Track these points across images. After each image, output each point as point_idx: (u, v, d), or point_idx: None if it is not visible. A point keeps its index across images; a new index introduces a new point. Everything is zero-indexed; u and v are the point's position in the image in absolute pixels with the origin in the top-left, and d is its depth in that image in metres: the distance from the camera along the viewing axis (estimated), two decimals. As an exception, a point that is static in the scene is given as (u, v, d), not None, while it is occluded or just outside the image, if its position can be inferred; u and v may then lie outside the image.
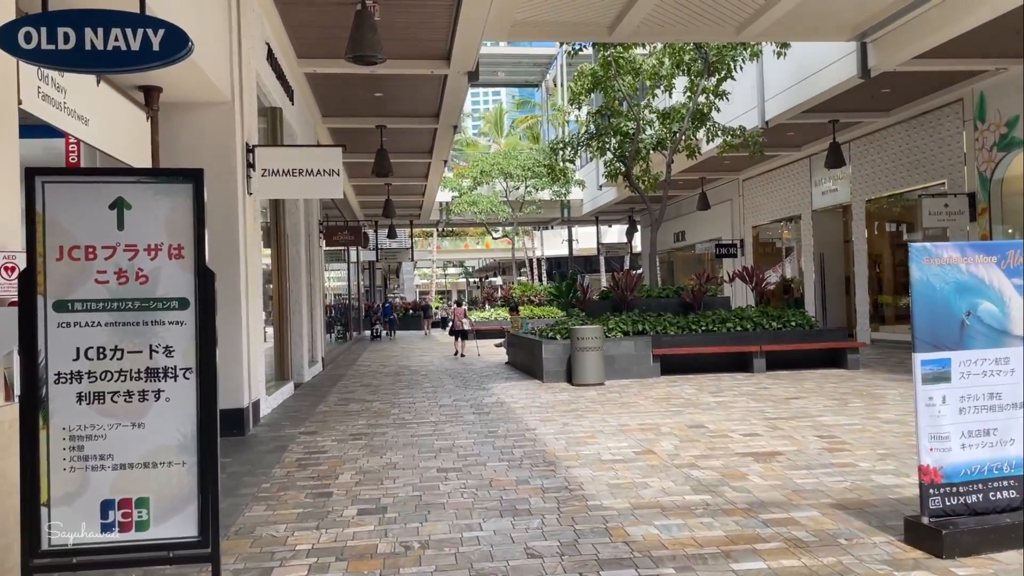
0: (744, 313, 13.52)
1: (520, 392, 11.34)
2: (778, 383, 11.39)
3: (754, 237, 25.68)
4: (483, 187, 31.75)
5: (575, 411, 9.31)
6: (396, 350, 22.21)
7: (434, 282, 54.59)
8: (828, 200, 20.94)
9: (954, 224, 15.40)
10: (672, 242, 32.49)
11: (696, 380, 12.06)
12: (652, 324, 13.13)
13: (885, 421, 7.93)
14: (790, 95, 16.46)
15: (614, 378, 12.36)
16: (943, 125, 16.17)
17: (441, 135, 17.82)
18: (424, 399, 10.86)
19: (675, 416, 8.71)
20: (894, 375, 12.04)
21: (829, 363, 13.20)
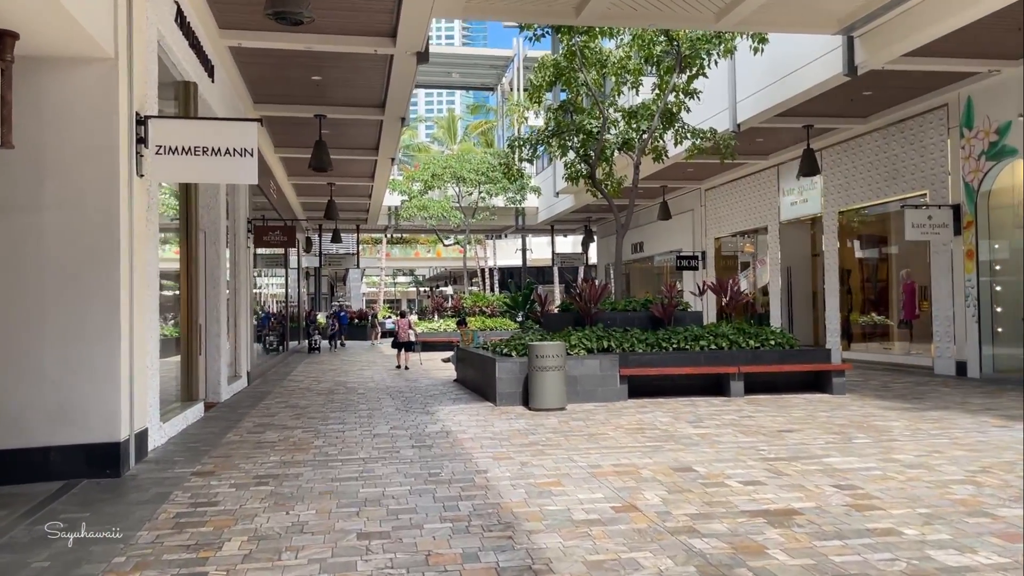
0: (719, 330, 12.22)
1: (470, 418, 9.81)
2: (762, 410, 10.07)
3: (716, 249, 24.61)
4: (434, 191, 30.18)
5: (535, 445, 7.82)
6: (335, 363, 20.46)
7: (382, 290, 52.69)
8: (797, 211, 19.91)
9: (937, 237, 14.39)
10: (630, 253, 31.32)
11: (669, 405, 10.68)
12: (618, 340, 11.73)
13: (907, 465, 6.60)
14: (764, 96, 15.31)
15: (577, 401, 10.92)
16: (925, 132, 15.18)
17: (388, 129, 16.25)
18: (356, 426, 9.25)
19: (654, 454, 7.27)
20: (886, 401, 10.83)
21: (811, 386, 11.97)
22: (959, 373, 14.29)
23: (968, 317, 14.07)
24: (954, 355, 14.47)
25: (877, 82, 13.85)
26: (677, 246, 26.53)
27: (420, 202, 28.31)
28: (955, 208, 14.31)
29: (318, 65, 12.65)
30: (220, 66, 11.68)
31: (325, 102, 14.80)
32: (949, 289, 14.58)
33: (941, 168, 14.74)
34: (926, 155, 15.16)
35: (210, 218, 11.67)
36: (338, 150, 18.31)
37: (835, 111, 16.12)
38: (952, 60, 12.52)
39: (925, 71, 13.02)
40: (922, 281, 16.09)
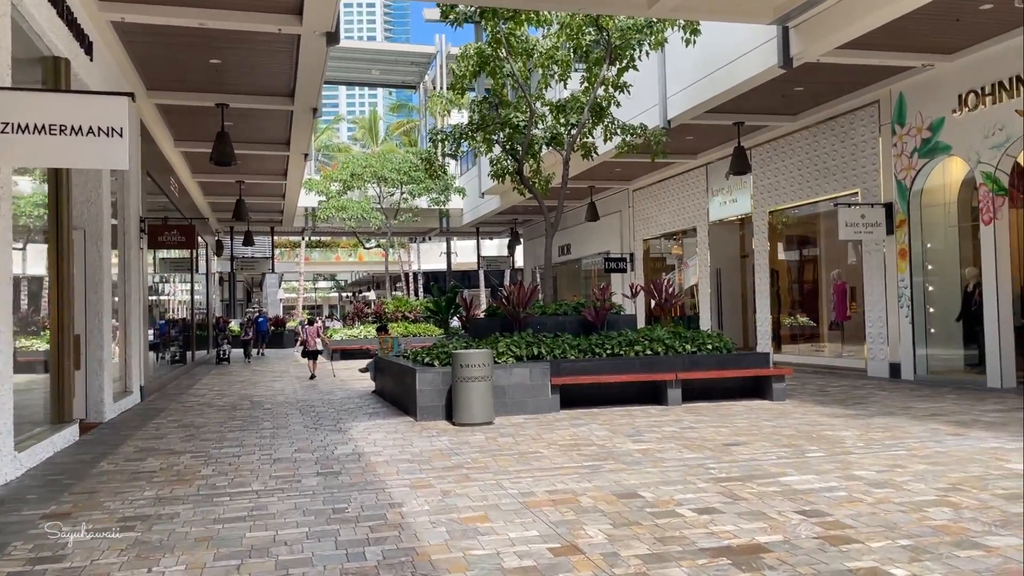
0: (654, 334, 11.54)
1: (386, 436, 8.81)
2: (703, 420, 9.39)
3: (645, 251, 24.16)
4: (354, 192, 28.90)
5: (459, 468, 6.89)
6: (245, 374, 19.07)
7: (301, 296, 50.79)
8: (726, 212, 19.56)
9: (870, 236, 14.09)
10: (557, 256, 30.69)
11: (604, 416, 9.90)
12: (549, 347, 10.92)
13: (872, 484, 5.94)
14: (696, 91, 14.79)
15: (505, 414, 10.04)
16: (856, 130, 14.91)
17: (299, 121, 15.08)
18: (255, 448, 8.15)
19: (594, 476, 6.44)
20: (827, 407, 10.31)
21: (750, 392, 11.39)
22: (893, 375, 14.02)
23: (901, 318, 13.81)
24: (888, 357, 14.20)
25: (810, 76, 13.46)
26: (605, 248, 26.01)
27: (338, 203, 26.99)
28: (887, 207, 14.05)
29: (216, 46, 11.45)
30: (101, 43, 10.37)
31: (227, 89, 13.56)
32: (882, 289, 14.32)
33: (873, 166, 14.48)
34: (857, 153, 14.89)
35: (90, 214, 10.35)
36: (245, 144, 17.02)
37: (766, 108, 15.74)
38: (887, 54, 12.19)
39: (859, 65, 12.67)
40: (853, 282, 15.85)
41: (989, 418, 8.98)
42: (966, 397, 11.02)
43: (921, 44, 11.98)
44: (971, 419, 8.96)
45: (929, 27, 11.26)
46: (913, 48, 12.15)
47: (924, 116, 13.22)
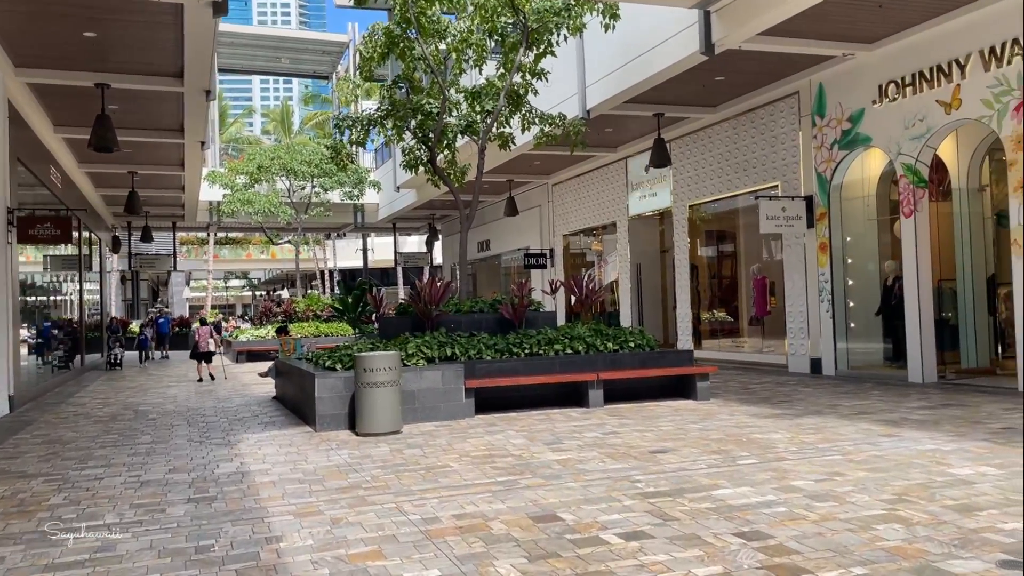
0: (575, 332, 10.92)
1: (279, 450, 7.88)
2: (627, 424, 8.79)
3: (565, 247, 23.66)
4: (262, 185, 27.45)
5: (356, 489, 6.06)
6: (139, 379, 17.65)
7: (210, 295, 48.57)
8: (646, 206, 19.18)
9: (791, 230, 13.84)
10: (476, 252, 29.95)
11: (522, 421, 9.20)
12: (464, 347, 10.15)
13: (812, 497, 5.40)
14: (615, 80, 14.26)
15: (415, 421, 9.23)
16: (776, 122, 14.66)
17: (191, 105, 13.87)
18: (124, 468, 7.11)
19: (508, 495, 5.71)
20: (753, 407, 9.88)
21: (673, 391, 10.90)
22: (814, 371, 13.82)
23: (822, 312, 13.60)
24: (808, 352, 14.00)
25: (731, 65, 13.10)
26: (525, 243, 25.40)
27: (244, 196, 25.54)
28: (808, 199, 13.82)
29: (91, 16, 10.25)
30: (-53, 7, 9.08)
31: (109, 68, 12.29)
32: (803, 284, 14.10)
33: (793, 158, 14.25)
34: (777, 145, 14.64)
35: (-65, 203, 9.03)
36: (135, 131, 15.68)
37: (686, 99, 15.37)
38: (809, 41, 11.89)
39: (780, 53, 12.35)
40: (774, 276, 15.64)
41: (918, 416, 8.67)
42: (890, 393, 10.79)
43: (843, 32, 11.72)
44: (900, 417, 8.64)
45: (852, 14, 10.98)
46: (834, 36, 11.89)
47: (844, 107, 13.01)
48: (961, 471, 5.97)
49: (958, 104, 11.05)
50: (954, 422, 8.18)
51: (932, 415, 8.69)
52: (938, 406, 9.37)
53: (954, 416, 8.56)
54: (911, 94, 11.79)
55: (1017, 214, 10.31)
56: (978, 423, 8.06)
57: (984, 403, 9.47)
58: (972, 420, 8.27)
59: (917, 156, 11.71)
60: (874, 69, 12.37)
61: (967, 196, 12.51)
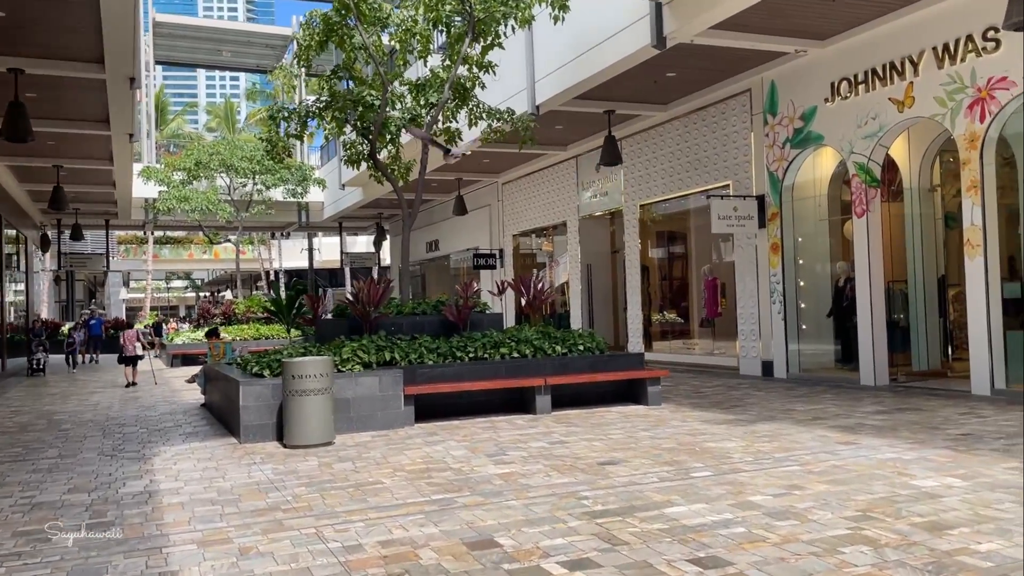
0: (522, 335, 10.44)
1: (197, 464, 7.23)
2: (575, 432, 8.33)
3: (515, 247, 23.19)
4: (201, 182, 26.40)
5: (274, 511, 5.46)
6: (63, 384, 16.65)
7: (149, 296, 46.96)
8: (597, 206, 18.82)
9: (743, 230, 13.57)
10: (425, 252, 29.34)
11: (465, 430, 8.67)
12: (404, 351, 9.58)
13: (771, 515, 4.98)
14: (565, 74, 13.83)
15: (350, 431, 8.63)
16: (728, 120, 14.39)
17: (115, 94, 12.98)
18: (17, 489, 6.39)
19: (442, 516, 5.18)
20: (706, 412, 9.51)
21: (623, 396, 10.49)
22: (765, 373, 13.57)
23: (774, 314, 13.36)
24: (760, 354, 13.74)
25: (682, 61, 12.77)
26: (475, 243, 24.86)
27: (181, 193, 24.49)
28: (760, 199, 13.57)
29: (-5, -8, 9.41)
30: None
31: (22, 52, 11.39)
32: (754, 285, 13.84)
33: (744, 157, 13.99)
34: (729, 144, 14.38)
35: None
36: (57, 121, 14.73)
37: (638, 96, 15.02)
38: (761, 37, 11.60)
39: (732, 49, 12.05)
40: (725, 277, 15.39)
41: (874, 421, 8.38)
42: (843, 397, 10.54)
43: (795, 28, 11.46)
44: (856, 423, 8.34)
45: (804, 9, 10.72)
46: (787, 32, 11.62)
47: (796, 105, 12.78)
48: (925, 483, 5.62)
49: (911, 102, 10.87)
50: (911, 428, 7.90)
51: (888, 420, 8.41)
52: (893, 410, 9.12)
53: (911, 422, 8.29)
54: (864, 92, 11.58)
55: (970, 214, 10.14)
56: (936, 429, 7.79)
57: (939, 407, 9.25)
58: (929, 426, 8.00)
59: (869, 155, 11.51)
60: (827, 66, 12.16)
61: (918, 196, 12.38)
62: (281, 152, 13.03)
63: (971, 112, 10.06)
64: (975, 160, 10.04)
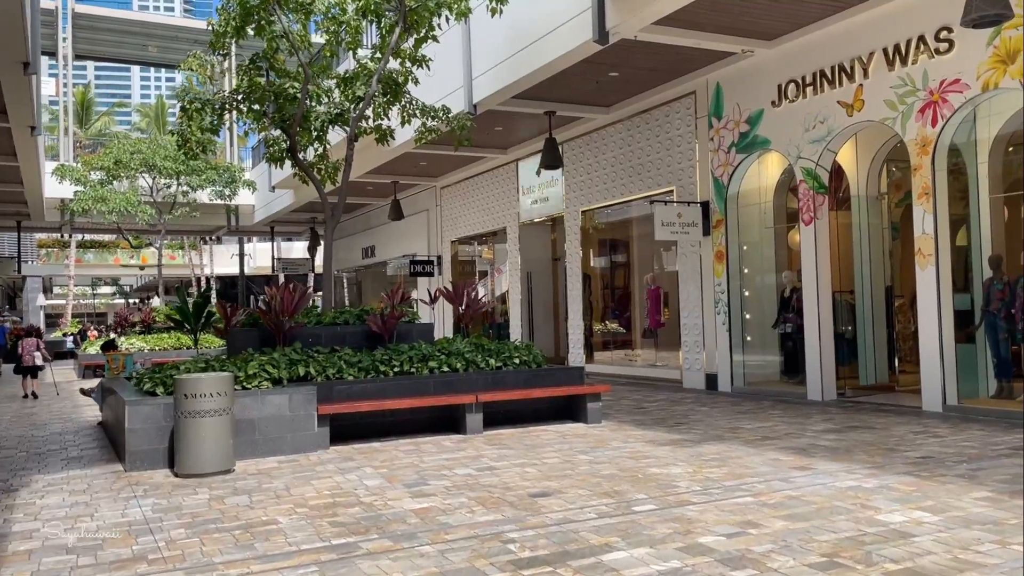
0: (453, 347, 9.64)
1: (67, 499, 6.23)
2: (507, 456, 7.56)
3: (453, 254, 22.37)
4: (123, 182, 24.89)
5: (136, 563, 4.55)
6: (-47, 400, 15.19)
7: (70, 303, 44.66)
8: (537, 211, 18.14)
9: (687, 237, 13.03)
10: (361, 258, 28.33)
11: (385, 454, 7.82)
12: (321, 365, 8.69)
13: (725, 561, 4.29)
14: (504, 71, 13.12)
15: (255, 455, 7.70)
16: (672, 123, 13.87)
17: (8, 82, 11.85)
18: None
19: (340, 568, 4.34)
20: (649, 431, 8.85)
21: (562, 413, 9.77)
22: (710, 386, 13.03)
23: (718, 325, 12.83)
24: (704, 367, 13.20)
25: (625, 60, 12.20)
26: (412, 250, 23.97)
27: (98, 193, 23.00)
28: (704, 205, 13.05)
29: None
30: None
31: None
32: (698, 294, 13.31)
33: (689, 162, 13.47)
34: (673, 148, 13.85)
35: None
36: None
37: (579, 97, 14.41)
38: (706, 35, 11.07)
39: (677, 48, 11.50)
40: (668, 286, 14.86)
41: (827, 442, 7.82)
42: (791, 413, 10.01)
43: (742, 27, 10.96)
44: (808, 443, 7.77)
45: (752, 6, 10.21)
46: (734, 31, 11.12)
47: (742, 108, 12.30)
48: (892, 517, 5.01)
49: (860, 105, 10.45)
50: (867, 449, 7.35)
51: (841, 440, 7.86)
52: (844, 428, 8.59)
53: (865, 442, 7.75)
54: (812, 95, 11.14)
55: (921, 222, 9.73)
56: (893, 451, 7.26)
57: (891, 425, 8.76)
58: (885, 447, 7.47)
59: (817, 160, 11.07)
60: (774, 68, 11.70)
61: (866, 204, 12.00)
62: (195, 148, 11.97)
63: (923, 116, 9.66)
64: (926, 166, 9.64)
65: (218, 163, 25.72)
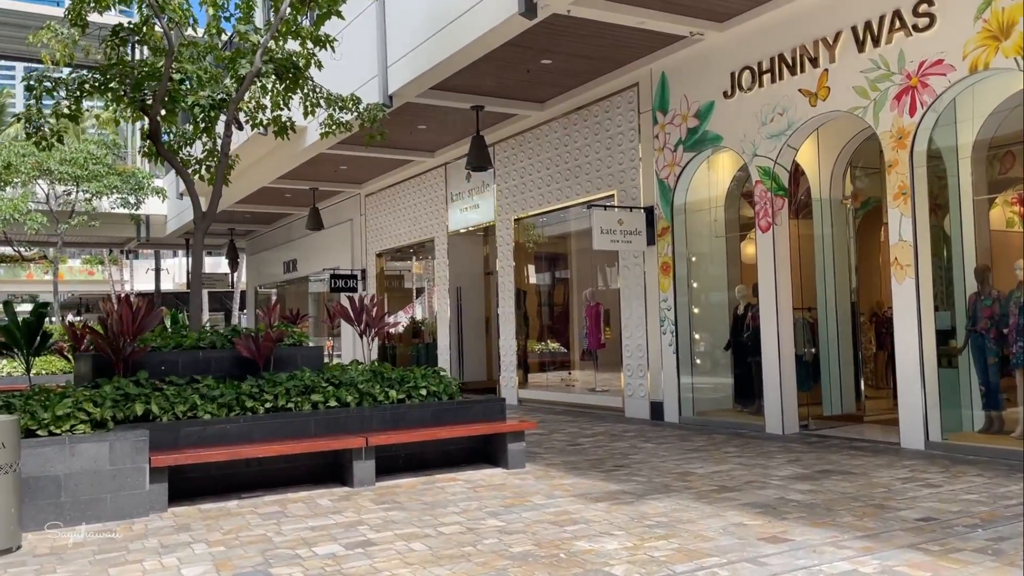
0: (345, 376, 7.87)
1: None
2: (394, 521, 5.81)
3: (379, 268, 20.53)
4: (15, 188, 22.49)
5: None
6: None
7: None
8: (467, 220, 16.48)
9: (629, 246, 11.50)
10: (283, 273, 26.26)
11: (236, 520, 6.00)
12: (169, 401, 6.85)
13: None
14: (423, 56, 11.45)
15: (66, 521, 5.81)
16: (612, 120, 12.38)
17: None
18: None
19: None
20: (582, 478, 7.21)
21: (478, 454, 8.08)
22: (655, 416, 11.49)
23: (664, 346, 11.32)
24: (648, 394, 11.66)
25: (558, 43, 10.67)
26: (335, 263, 22.03)
27: (-23, 199, 20.61)
28: (648, 211, 11.56)
29: None
30: None
31: None
32: (642, 312, 11.78)
33: (631, 163, 11.98)
34: (614, 148, 12.35)
35: None
36: None
37: (510, 90, 12.86)
38: (650, 12, 9.58)
39: (616, 27, 10.00)
40: (610, 303, 13.34)
41: (799, 494, 6.28)
42: (749, 451, 8.49)
43: (691, 4, 9.52)
44: (776, 497, 6.21)
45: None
46: (680, 10, 9.67)
47: (690, 101, 10.86)
48: (918, 635, 3.43)
49: (825, 94, 9.06)
50: (851, 507, 5.82)
51: (816, 492, 6.32)
52: (816, 474, 7.08)
53: (845, 494, 6.23)
54: (769, 83, 9.74)
55: (898, 227, 8.34)
56: (884, 508, 5.74)
57: (871, 468, 7.28)
58: (872, 502, 5.95)
59: (776, 158, 9.65)
60: (726, 54, 10.29)
61: (829, 209, 10.65)
62: (49, 137, 9.99)
63: (899, 103, 8.30)
64: (904, 162, 8.27)
65: (122, 169, 23.44)
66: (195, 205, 9.65)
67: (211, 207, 9.54)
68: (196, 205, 9.64)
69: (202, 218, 9.41)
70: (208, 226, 9.61)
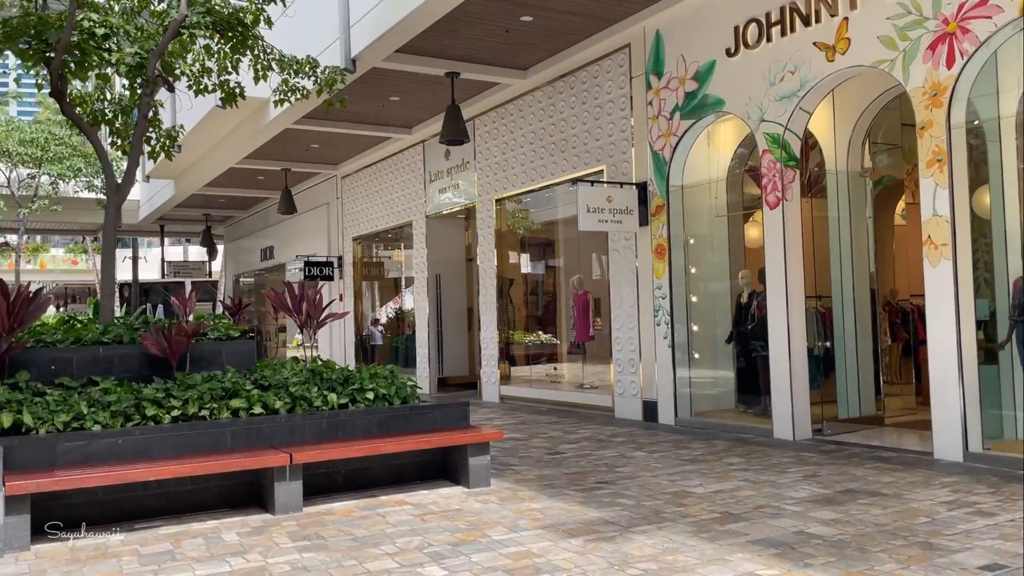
0: (276, 378, 6.61)
1: None
2: (310, 566, 4.56)
3: (358, 254, 19.25)
4: (-25, 172, 21.21)
5: None
6: None
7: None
8: (447, 201, 15.20)
9: (619, 227, 10.23)
10: (260, 260, 24.99)
11: (108, 566, 4.74)
12: (48, 409, 5.60)
13: None
14: (388, 10, 10.15)
15: None
16: (602, 87, 11.09)
17: None
18: None
19: None
20: (555, 500, 5.96)
21: (435, 469, 6.83)
22: (648, 417, 10.25)
23: (659, 339, 10.06)
24: (640, 392, 10.41)
25: None
26: (312, 250, 20.76)
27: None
28: (641, 187, 10.29)
29: None
30: None
31: None
32: (634, 300, 10.53)
33: (622, 134, 10.70)
34: (603, 117, 11.06)
35: None
36: None
37: (488, 55, 11.56)
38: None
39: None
40: (600, 291, 12.10)
41: (820, 526, 5.03)
42: (756, 462, 7.25)
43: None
44: (794, 530, 4.96)
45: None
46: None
47: (688, 61, 9.56)
48: None
49: (845, 46, 7.77)
50: (890, 547, 4.57)
51: (843, 523, 5.07)
52: (840, 496, 5.83)
53: (879, 526, 4.99)
54: (779, 37, 8.45)
55: (932, 201, 7.07)
56: (933, 549, 4.50)
57: (903, 487, 6.04)
58: (917, 539, 4.71)
59: (787, 123, 8.37)
60: (729, 5, 8.99)
61: (847, 183, 9.37)
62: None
63: (933, 54, 7.02)
64: (939, 123, 6.99)
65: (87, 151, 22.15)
66: (107, 172, 8.31)
67: (126, 179, 8.25)
68: (108, 171, 8.30)
69: (115, 190, 8.09)
70: (121, 201, 8.30)
